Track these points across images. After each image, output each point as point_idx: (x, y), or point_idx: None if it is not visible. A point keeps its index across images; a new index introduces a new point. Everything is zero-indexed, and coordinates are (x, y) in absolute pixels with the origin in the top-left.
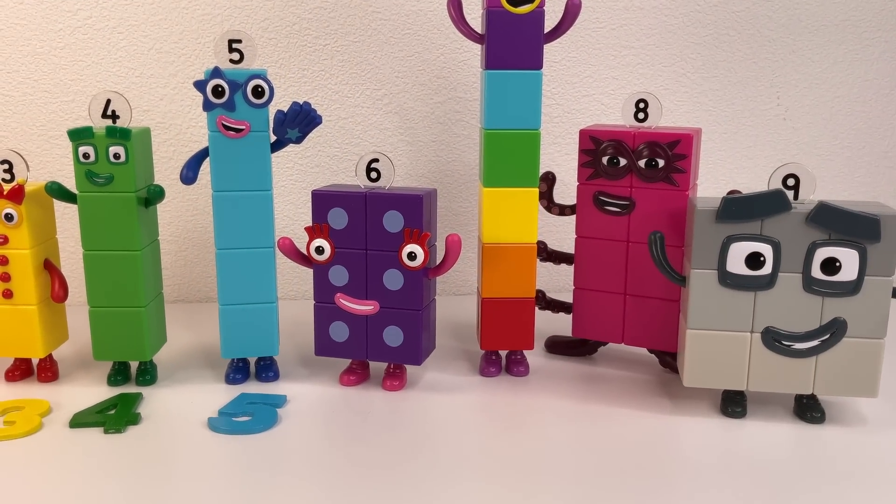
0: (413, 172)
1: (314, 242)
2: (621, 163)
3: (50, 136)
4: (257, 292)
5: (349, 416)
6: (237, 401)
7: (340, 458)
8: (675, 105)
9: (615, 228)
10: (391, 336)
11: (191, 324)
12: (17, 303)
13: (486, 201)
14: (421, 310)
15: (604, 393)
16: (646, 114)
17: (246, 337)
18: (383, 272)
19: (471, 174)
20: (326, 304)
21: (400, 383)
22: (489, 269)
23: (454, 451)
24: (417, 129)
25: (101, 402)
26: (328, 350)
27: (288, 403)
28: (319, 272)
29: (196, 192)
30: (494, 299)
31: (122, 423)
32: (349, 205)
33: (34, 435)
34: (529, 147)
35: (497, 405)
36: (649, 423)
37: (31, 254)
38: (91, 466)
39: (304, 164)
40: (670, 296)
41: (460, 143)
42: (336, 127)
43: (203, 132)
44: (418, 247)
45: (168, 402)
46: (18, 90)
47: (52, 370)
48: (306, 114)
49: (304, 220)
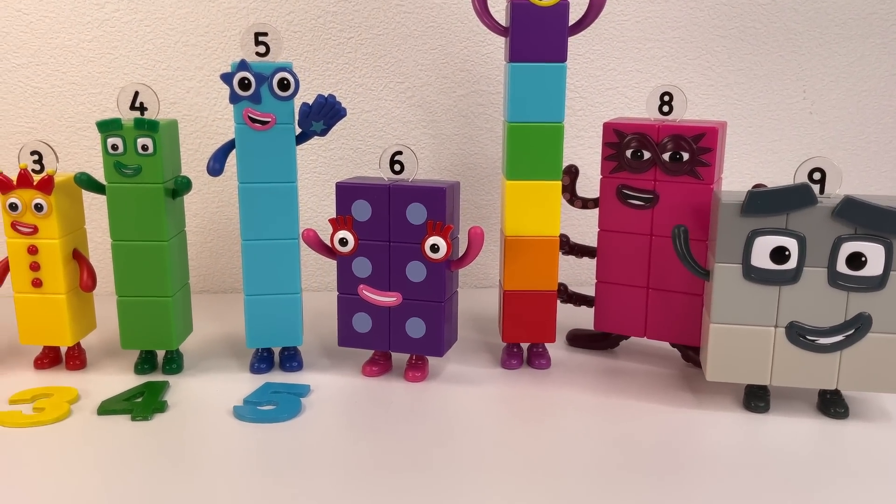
0: (436, 165)
1: (338, 234)
2: (645, 156)
3: (78, 128)
4: (282, 283)
5: (371, 406)
6: (262, 390)
7: (363, 448)
8: (700, 98)
9: (638, 222)
10: (413, 327)
11: (216, 314)
12: (47, 292)
13: (509, 194)
14: (443, 301)
15: (625, 387)
16: (670, 107)
17: (270, 327)
18: (406, 264)
19: (493, 167)
20: (350, 296)
21: (422, 374)
22: (511, 262)
23: (475, 443)
24: (440, 123)
25: (129, 390)
26: (351, 341)
27: (311, 393)
28: (343, 264)
29: (222, 183)
30: (516, 292)
31: (149, 410)
32: (373, 197)
33: (63, 421)
34: (553, 140)
35: (518, 398)
36: (671, 417)
37: (60, 243)
38: (118, 453)
39: (328, 156)
40: (693, 290)
41: (483, 137)
42: (359, 120)
43: (228, 124)
44: (441, 239)
45: (194, 390)
46: (47, 82)
47: (81, 358)
48: (331, 106)
49: (328, 212)
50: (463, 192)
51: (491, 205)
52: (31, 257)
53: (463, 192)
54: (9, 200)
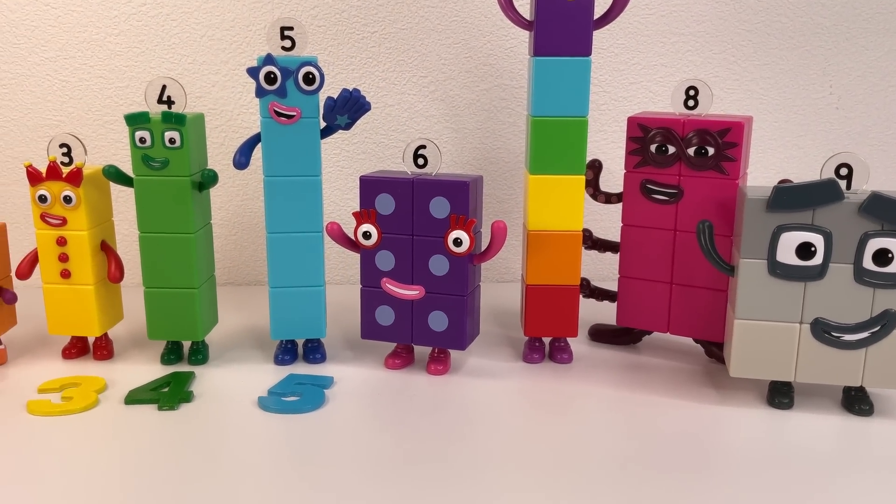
0: (458, 160)
1: (361, 227)
2: (670, 151)
3: (106, 121)
4: (306, 276)
5: (394, 398)
6: (286, 381)
7: (385, 440)
8: (725, 93)
9: (662, 217)
10: (436, 321)
11: (241, 306)
12: (75, 283)
13: (532, 188)
14: (466, 295)
15: (648, 382)
16: (696, 101)
17: (294, 319)
18: (429, 258)
19: (516, 162)
20: (373, 289)
21: (444, 368)
22: (534, 257)
23: (497, 436)
24: (463, 117)
25: (155, 380)
26: (374, 333)
27: (335, 385)
28: (366, 257)
29: (247, 177)
30: (539, 286)
31: (175, 400)
32: (396, 191)
33: (91, 410)
34: (577, 134)
35: (540, 392)
36: (694, 412)
37: (88, 235)
38: (145, 442)
39: (352, 150)
40: (717, 285)
41: (506, 131)
42: (383, 114)
43: (253, 118)
44: (464, 233)
45: (219, 380)
46: (75, 76)
47: (108, 348)
48: (356, 100)
49: (351, 205)
50: (486, 187)
51: (513, 199)
52: (59, 248)
53: (486, 187)
54: (38, 192)
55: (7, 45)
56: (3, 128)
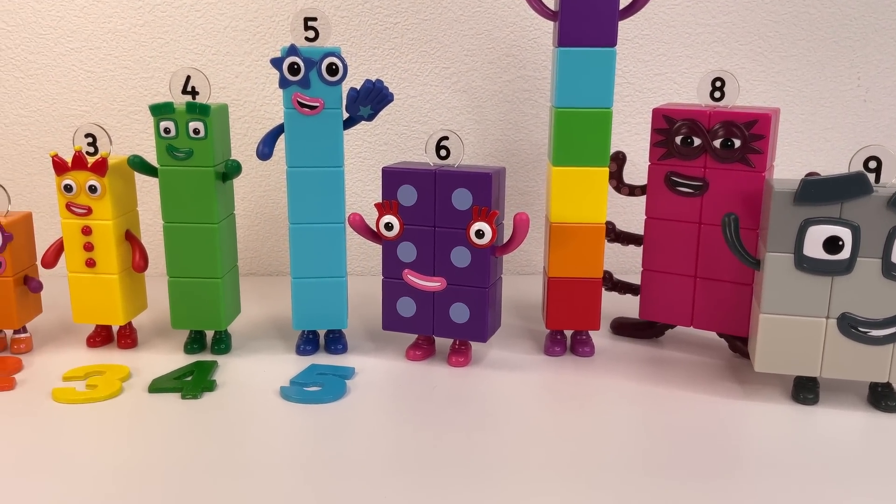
0: (480, 151)
1: (384, 219)
2: (695, 143)
3: (130, 112)
4: (328, 267)
5: (415, 390)
6: (308, 371)
7: (406, 431)
8: (751, 85)
9: (687, 210)
10: (457, 312)
11: (263, 296)
12: (100, 272)
13: (555, 180)
14: (487, 287)
15: (671, 376)
16: (722, 93)
17: (316, 310)
18: (451, 249)
19: (538, 153)
20: (394, 280)
21: (465, 360)
22: (556, 249)
23: (517, 429)
24: (485, 108)
25: (179, 369)
26: (395, 325)
27: (356, 375)
28: (388, 248)
29: (270, 167)
30: (561, 279)
31: (198, 389)
32: (418, 182)
33: (115, 398)
34: (601, 126)
35: (561, 385)
36: (718, 407)
37: (113, 224)
38: (169, 430)
39: (374, 141)
40: (742, 279)
41: (528, 122)
42: (405, 105)
43: (275, 109)
44: (486, 225)
45: (242, 370)
46: (100, 66)
47: (132, 337)
48: (378, 91)
49: (373, 196)
50: (508, 178)
51: (536, 191)
52: (84, 238)
53: (508, 178)
54: (64, 182)
55: (33, 35)
56: (29, 118)
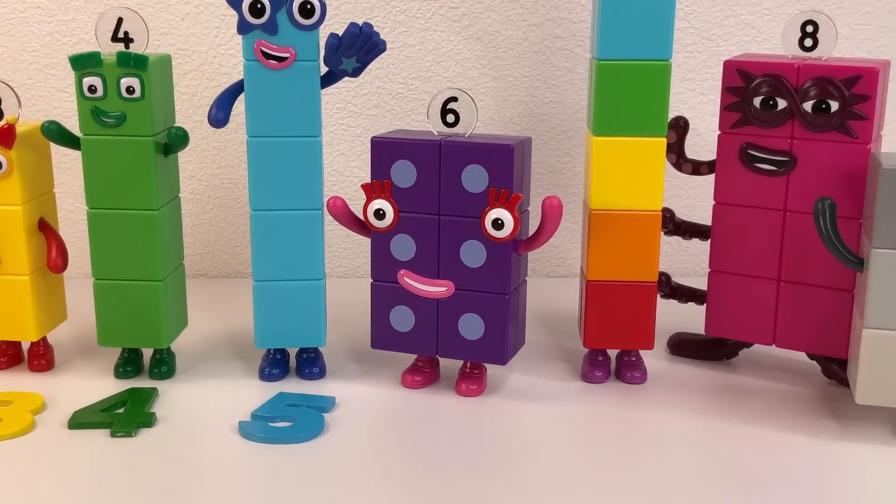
0: (499, 116)
1: (373, 204)
2: (780, 105)
3: (45, 65)
4: (301, 266)
5: (413, 426)
6: (274, 402)
7: (401, 480)
8: (851, 30)
9: (768, 193)
10: (469, 326)
11: (217, 304)
12: (5, 272)
13: (597, 155)
14: (508, 294)
15: (746, 410)
16: (814, 41)
17: (286, 322)
18: (461, 244)
19: (574, 119)
20: (387, 284)
21: (478, 387)
22: (598, 244)
23: (546, 479)
24: (506, 61)
25: (107, 399)
26: (388, 342)
27: (337, 407)
28: (379, 242)
29: (226, 137)
30: (604, 283)
31: (132, 424)
32: (418, 157)
33: (25, 436)
34: (656, 83)
35: (604, 421)
36: (808, 451)
37: (22, 211)
38: (94, 476)
39: (360, 104)
40: (840, 284)
41: (561, 79)
42: (401, 56)
43: (235, 62)
44: (507, 212)
45: (189, 400)
46: (5, 7)
47: (47, 357)
48: (366, 38)
49: (360, 175)
50: (535, 152)
51: (570, 169)
52: None
53: (535, 152)
54: None
55: None
56: None
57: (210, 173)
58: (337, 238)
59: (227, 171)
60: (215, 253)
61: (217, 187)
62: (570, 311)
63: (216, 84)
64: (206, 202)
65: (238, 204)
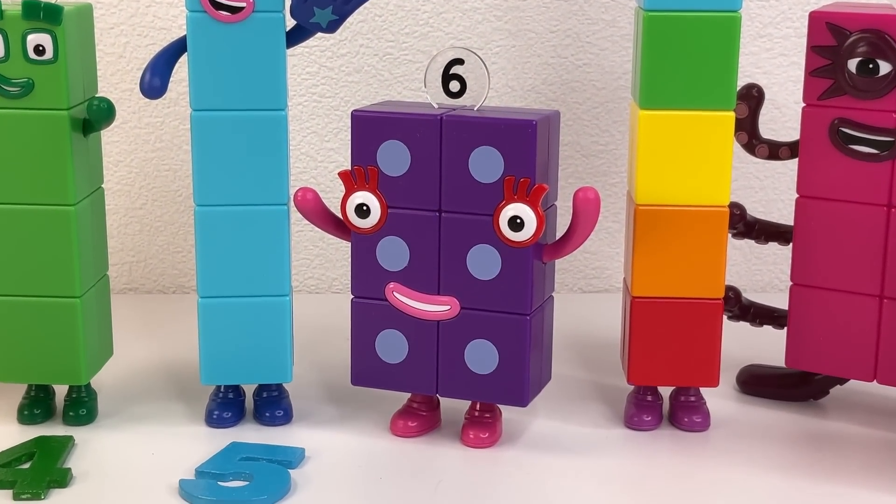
0: (518, 84)
1: (354, 198)
2: (882, 69)
3: None
4: (261, 279)
5: (407, 485)
6: (226, 454)
7: None
8: None
9: (868, 183)
10: (478, 357)
11: (151, 328)
12: None
13: (645, 133)
14: (529, 314)
15: (839, 464)
16: None
17: (241, 352)
18: (468, 250)
19: (615, 88)
20: (372, 301)
21: (490, 436)
22: (646, 250)
23: None
24: (526, 11)
25: (9, 451)
26: (373, 377)
27: (306, 462)
28: (362, 247)
29: (163, 111)
30: (654, 300)
31: (41, 483)
32: (414, 136)
33: None
34: (722, 42)
35: (654, 478)
36: None
37: None
38: None
39: (337, 67)
40: None
41: (596, 36)
42: (389, 7)
43: (175, 13)
44: (527, 208)
45: (115, 452)
46: None
47: None
48: None
49: (337, 161)
50: (564, 131)
51: (611, 151)
52: None
53: (564, 131)
54: None
55: None
56: None
57: (142, 158)
58: (307, 242)
59: (164, 155)
60: (149, 261)
61: (152, 176)
62: (611, 338)
63: (151, 42)
64: (137, 195)
65: (179, 198)
